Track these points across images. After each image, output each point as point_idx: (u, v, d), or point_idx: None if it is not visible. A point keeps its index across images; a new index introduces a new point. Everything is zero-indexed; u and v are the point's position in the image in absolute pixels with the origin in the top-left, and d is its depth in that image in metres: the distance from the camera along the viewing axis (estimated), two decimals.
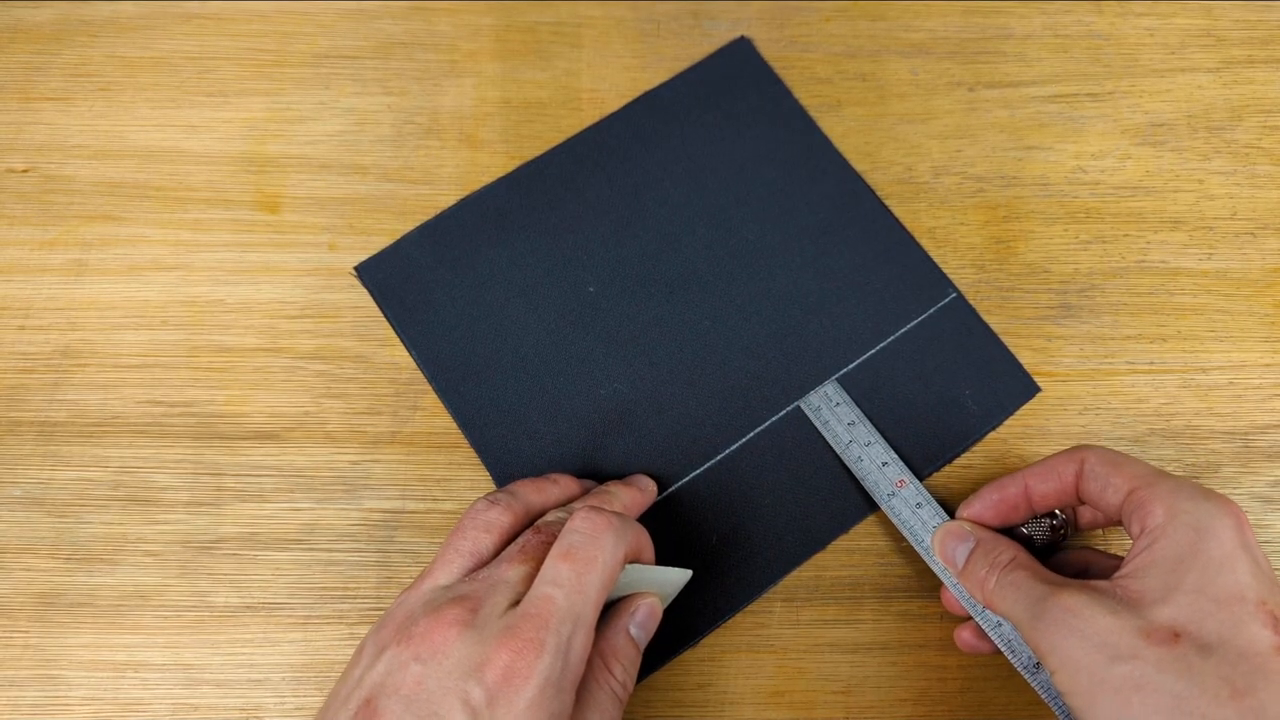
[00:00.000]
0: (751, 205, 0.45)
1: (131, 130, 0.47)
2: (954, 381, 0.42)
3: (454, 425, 0.41)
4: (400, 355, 0.43)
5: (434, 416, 0.42)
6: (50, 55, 0.48)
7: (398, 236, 0.44)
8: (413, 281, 0.44)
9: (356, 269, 0.44)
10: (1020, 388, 0.42)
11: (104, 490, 0.40)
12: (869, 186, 0.45)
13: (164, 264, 0.44)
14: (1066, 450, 0.35)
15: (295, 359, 0.43)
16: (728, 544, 0.39)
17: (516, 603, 0.30)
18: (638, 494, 0.38)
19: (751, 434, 0.41)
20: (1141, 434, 0.41)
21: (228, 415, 0.41)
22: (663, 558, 0.38)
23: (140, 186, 0.45)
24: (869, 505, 0.40)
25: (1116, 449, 0.34)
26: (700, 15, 0.49)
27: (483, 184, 0.45)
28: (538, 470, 0.40)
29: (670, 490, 0.40)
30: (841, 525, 0.40)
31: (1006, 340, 0.43)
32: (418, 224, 0.45)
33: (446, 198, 0.45)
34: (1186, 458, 0.41)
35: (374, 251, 0.44)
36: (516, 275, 0.44)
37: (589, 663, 0.31)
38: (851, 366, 0.42)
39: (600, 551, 0.31)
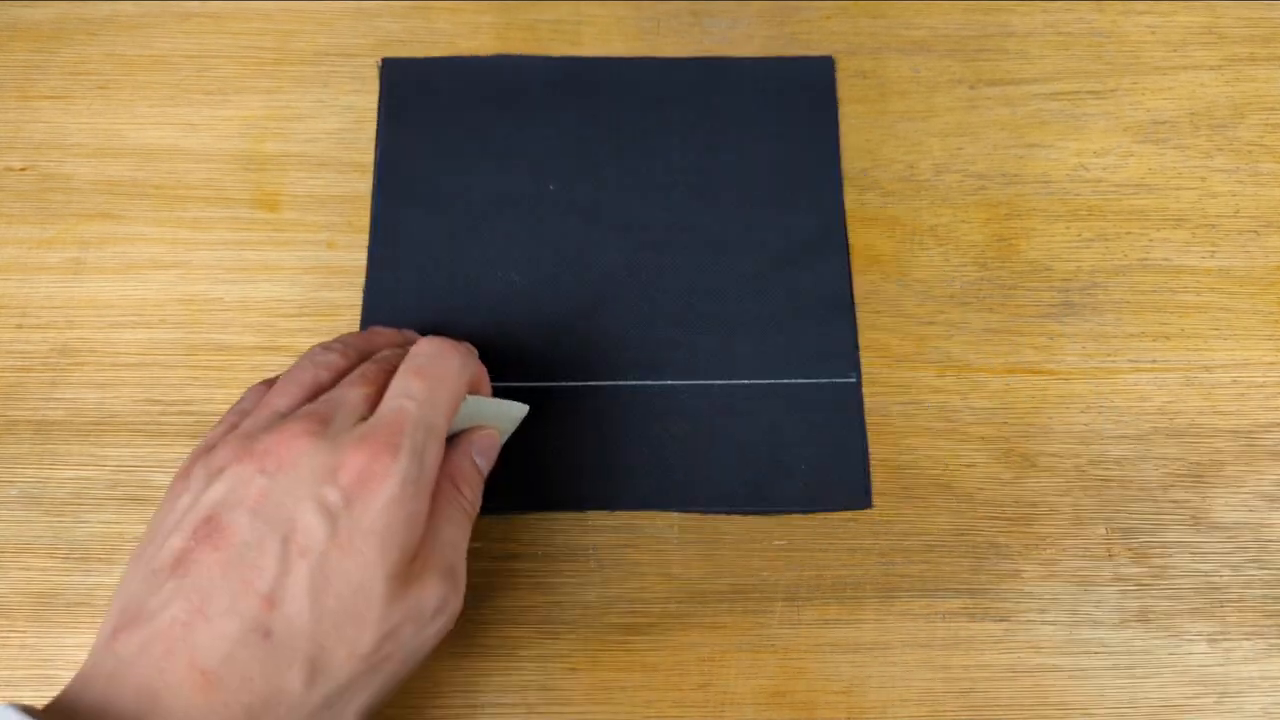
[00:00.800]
0: (736, 201, 0.45)
1: (130, 129, 0.46)
2: (802, 451, 0.41)
3: None
4: None
5: None
6: (49, 54, 0.48)
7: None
8: (419, 100, 0.46)
9: (384, 60, 0.47)
10: (855, 495, 0.40)
11: (101, 489, 0.40)
12: (847, 245, 0.44)
13: (162, 262, 0.44)
14: None
15: (294, 358, 0.42)
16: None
17: (365, 420, 0.30)
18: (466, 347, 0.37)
19: (603, 383, 0.42)
20: (1145, 432, 0.41)
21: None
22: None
23: (138, 185, 0.45)
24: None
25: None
26: (700, 14, 0.49)
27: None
28: (403, 323, 0.41)
29: (513, 386, 0.41)
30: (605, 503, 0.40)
31: (1008, 338, 0.42)
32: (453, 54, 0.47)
33: None
34: (1190, 456, 0.41)
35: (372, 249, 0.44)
36: (500, 144, 0.46)
37: (437, 483, 0.31)
38: (723, 381, 0.42)
39: (449, 370, 0.31)
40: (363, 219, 0.45)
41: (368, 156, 0.46)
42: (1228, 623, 0.38)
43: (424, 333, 0.39)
